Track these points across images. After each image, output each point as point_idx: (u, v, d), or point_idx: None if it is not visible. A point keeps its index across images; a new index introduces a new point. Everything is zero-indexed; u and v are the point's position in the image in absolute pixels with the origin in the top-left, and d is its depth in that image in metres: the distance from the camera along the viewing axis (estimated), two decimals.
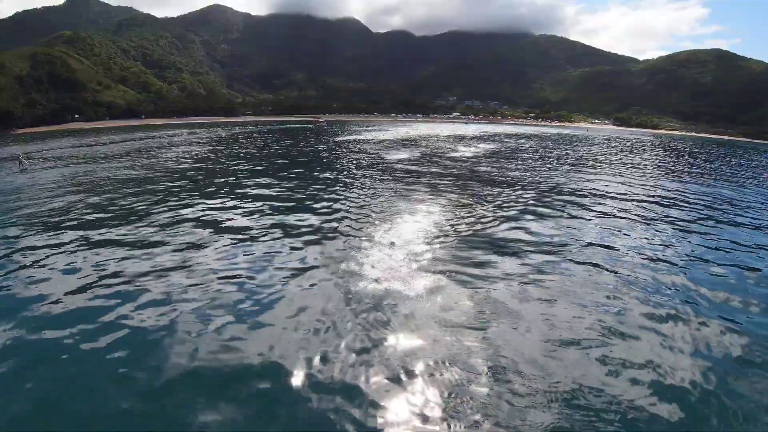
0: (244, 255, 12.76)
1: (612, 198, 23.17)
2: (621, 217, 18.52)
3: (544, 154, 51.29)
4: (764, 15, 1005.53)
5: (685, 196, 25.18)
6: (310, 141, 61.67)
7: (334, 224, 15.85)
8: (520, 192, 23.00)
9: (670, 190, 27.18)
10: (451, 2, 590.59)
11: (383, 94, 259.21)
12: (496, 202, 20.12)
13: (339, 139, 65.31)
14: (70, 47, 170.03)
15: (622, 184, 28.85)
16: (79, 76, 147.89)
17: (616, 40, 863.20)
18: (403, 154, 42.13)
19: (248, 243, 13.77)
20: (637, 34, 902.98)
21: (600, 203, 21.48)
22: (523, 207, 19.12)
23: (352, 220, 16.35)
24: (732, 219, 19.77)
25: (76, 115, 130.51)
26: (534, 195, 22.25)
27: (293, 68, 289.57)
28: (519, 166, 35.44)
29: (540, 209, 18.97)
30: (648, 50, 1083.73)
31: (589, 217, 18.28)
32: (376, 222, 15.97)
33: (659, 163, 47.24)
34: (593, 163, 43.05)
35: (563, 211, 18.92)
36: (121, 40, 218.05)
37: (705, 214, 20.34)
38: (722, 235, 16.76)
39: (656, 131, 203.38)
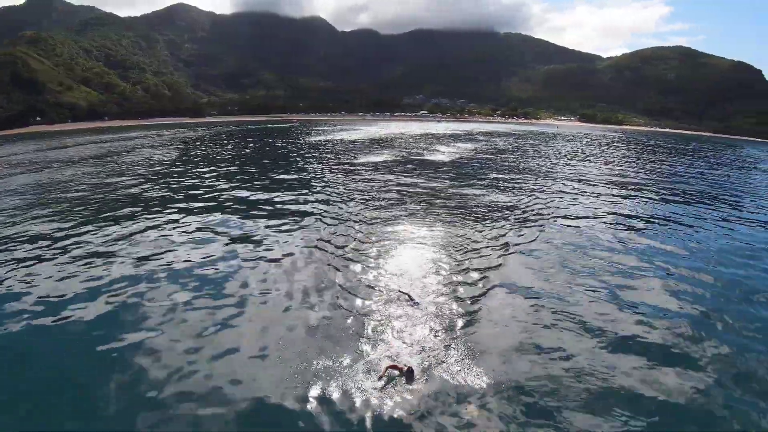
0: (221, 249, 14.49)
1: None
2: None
3: (532, 153, 53.87)
4: (726, 13, 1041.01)
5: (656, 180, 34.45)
6: (282, 142, 61.28)
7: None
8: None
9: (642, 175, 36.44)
10: (420, 0, 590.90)
11: (353, 93, 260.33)
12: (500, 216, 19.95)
13: (311, 139, 65.12)
14: (32, 47, 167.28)
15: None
16: (41, 77, 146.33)
17: (583, 38, 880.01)
18: (381, 157, 41.37)
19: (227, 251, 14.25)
20: (603, 32, 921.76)
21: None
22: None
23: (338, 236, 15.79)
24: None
25: (38, 118, 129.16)
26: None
27: (261, 67, 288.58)
28: (516, 175, 32.98)
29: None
30: (614, 48, 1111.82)
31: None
32: (365, 247, 14.62)
33: (637, 156, 56.86)
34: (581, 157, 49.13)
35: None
36: (83, 41, 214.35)
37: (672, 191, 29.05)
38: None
39: (622, 127, 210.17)
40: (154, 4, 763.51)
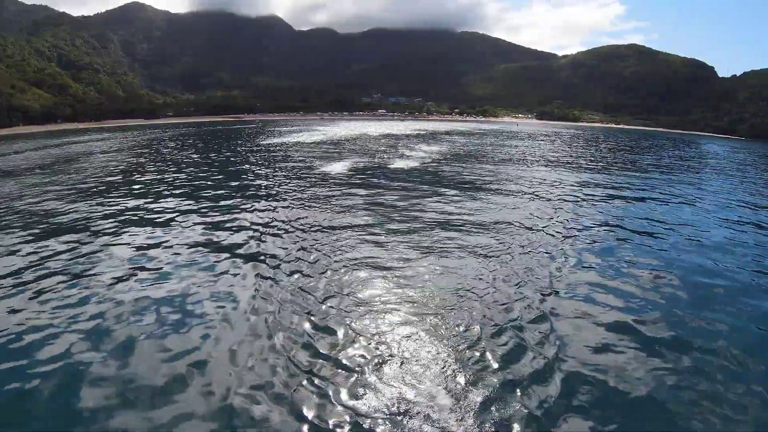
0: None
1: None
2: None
3: (511, 153, 52.82)
4: (678, 12, 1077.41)
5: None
6: (236, 146, 58.61)
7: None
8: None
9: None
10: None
11: (311, 93, 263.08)
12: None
13: (268, 142, 63.54)
14: None
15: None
16: None
17: (540, 37, 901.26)
18: (346, 162, 37.45)
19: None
20: (559, 31, 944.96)
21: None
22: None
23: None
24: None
25: None
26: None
27: (220, 67, 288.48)
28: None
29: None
30: (570, 46, 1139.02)
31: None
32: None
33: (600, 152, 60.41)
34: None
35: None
36: (36, 41, 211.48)
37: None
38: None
39: (580, 124, 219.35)
40: (109, 3, 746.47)
